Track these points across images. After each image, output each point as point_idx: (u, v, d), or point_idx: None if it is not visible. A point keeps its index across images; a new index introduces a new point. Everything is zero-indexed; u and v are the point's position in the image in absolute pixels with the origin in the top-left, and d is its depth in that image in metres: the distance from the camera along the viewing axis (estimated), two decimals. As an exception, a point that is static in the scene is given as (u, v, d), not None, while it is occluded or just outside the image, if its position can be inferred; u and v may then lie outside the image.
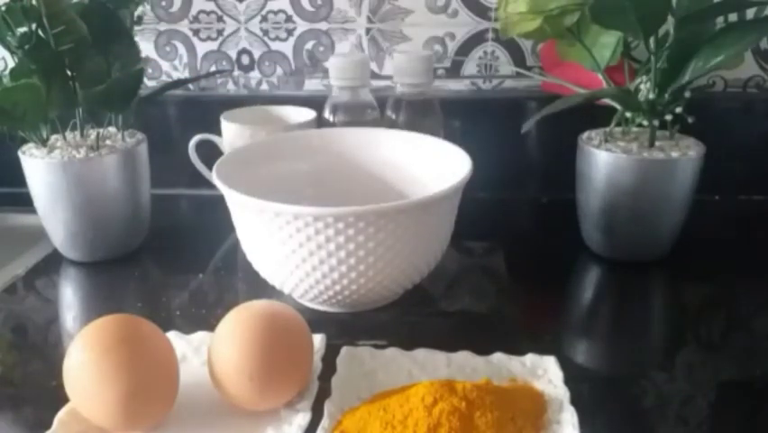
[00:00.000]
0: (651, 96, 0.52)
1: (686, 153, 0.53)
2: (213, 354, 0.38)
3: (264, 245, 0.46)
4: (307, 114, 0.65)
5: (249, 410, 0.38)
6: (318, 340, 0.43)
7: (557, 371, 0.40)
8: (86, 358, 0.35)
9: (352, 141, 0.58)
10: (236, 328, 0.37)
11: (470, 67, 0.73)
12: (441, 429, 0.34)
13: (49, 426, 0.36)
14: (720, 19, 0.58)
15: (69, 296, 0.56)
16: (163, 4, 0.74)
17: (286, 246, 0.44)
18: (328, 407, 0.37)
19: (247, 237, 0.48)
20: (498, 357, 0.42)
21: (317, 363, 0.41)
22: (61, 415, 0.37)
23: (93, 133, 0.58)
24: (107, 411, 0.35)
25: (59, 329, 0.50)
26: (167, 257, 0.61)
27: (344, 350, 0.42)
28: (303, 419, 0.37)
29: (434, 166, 0.53)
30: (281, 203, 0.43)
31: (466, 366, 0.41)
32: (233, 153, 0.54)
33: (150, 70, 0.76)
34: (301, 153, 0.57)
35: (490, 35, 0.72)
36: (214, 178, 0.47)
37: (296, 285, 0.46)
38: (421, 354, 0.42)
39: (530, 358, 0.42)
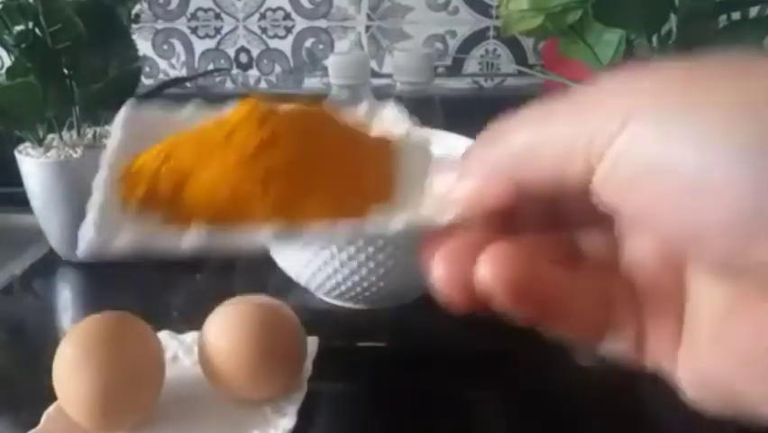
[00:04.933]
0: (653, 94, 0.52)
1: (689, 152, 0.53)
2: (203, 341, 0.38)
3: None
4: (307, 112, 0.64)
5: (236, 413, 0.38)
6: (311, 343, 0.43)
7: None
8: (67, 355, 0.35)
9: None
10: (226, 317, 0.38)
11: (471, 65, 0.73)
12: (282, 140, 0.23)
13: (44, 427, 0.36)
14: (723, 17, 0.58)
15: (66, 296, 0.56)
16: (161, 1, 0.74)
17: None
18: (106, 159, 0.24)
19: None
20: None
21: (308, 367, 0.41)
22: (50, 411, 0.37)
23: (90, 132, 0.58)
24: (84, 409, 0.35)
25: (55, 330, 0.50)
26: (164, 257, 0.60)
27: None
28: (288, 422, 0.37)
29: None
30: None
31: None
32: None
33: (147, 69, 0.76)
34: None
35: (492, 33, 0.71)
36: None
37: (323, 281, 0.46)
38: None
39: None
